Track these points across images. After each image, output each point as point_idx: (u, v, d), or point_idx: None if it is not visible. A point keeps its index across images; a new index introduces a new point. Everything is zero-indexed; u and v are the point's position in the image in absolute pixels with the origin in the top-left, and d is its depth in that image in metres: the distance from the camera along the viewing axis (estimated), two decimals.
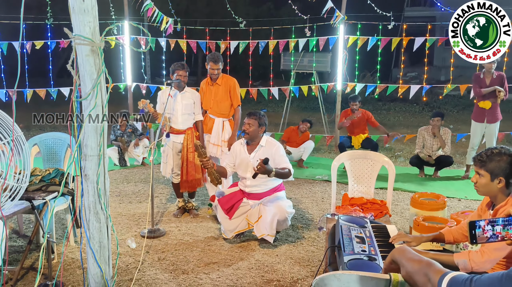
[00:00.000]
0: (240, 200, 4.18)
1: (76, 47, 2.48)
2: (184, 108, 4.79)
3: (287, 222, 4.06)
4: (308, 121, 7.85)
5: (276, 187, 4.19)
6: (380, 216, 3.87)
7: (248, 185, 4.13)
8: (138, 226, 4.70)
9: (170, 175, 4.92)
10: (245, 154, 4.15)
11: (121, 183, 6.45)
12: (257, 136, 4.13)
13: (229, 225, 4.19)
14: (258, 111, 4.17)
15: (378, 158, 4.24)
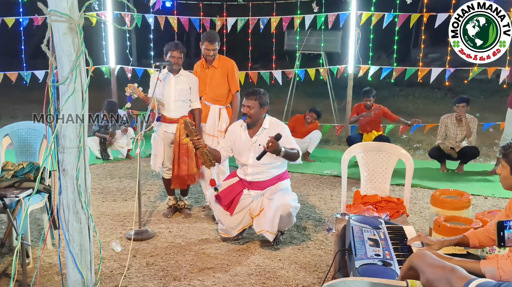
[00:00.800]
0: (240, 192, 4.19)
1: (52, 24, 2.47)
2: (177, 94, 4.78)
3: (291, 218, 4.06)
4: (316, 111, 7.84)
5: (280, 174, 4.21)
6: (396, 216, 3.88)
7: (249, 172, 4.14)
8: (124, 227, 4.72)
9: (161, 169, 4.93)
10: (246, 137, 4.16)
11: (104, 179, 6.46)
12: (259, 118, 4.14)
13: (231, 221, 4.21)
14: (257, 90, 4.16)
15: (394, 150, 4.25)
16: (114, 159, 7.52)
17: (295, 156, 3.97)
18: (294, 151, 3.95)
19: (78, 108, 2.57)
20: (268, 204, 4.08)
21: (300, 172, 6.87)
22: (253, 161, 4.07)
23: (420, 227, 4.77)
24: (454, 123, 6.85)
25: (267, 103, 4.15)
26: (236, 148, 4.22)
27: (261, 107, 4.10)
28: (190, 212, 5.09)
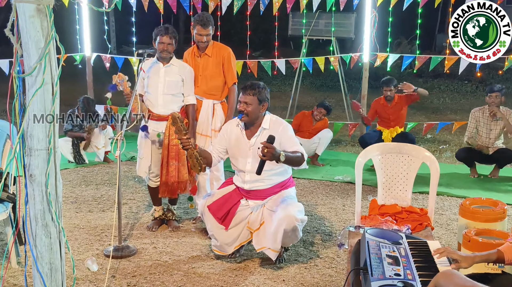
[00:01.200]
0: (237, 203, 4.19)
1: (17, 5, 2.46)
2: (166, 86, 4.78)
3: (297, 233, 4.05)
4: (325, 106, 7.85)
5: (284, 181, 4.20)
6: (420, 229, 3.88)
7: (247, 180, 4.14)
8: (101, 242, 4.72)
9: (147, 174, 4.92)
10: (244, 139, 4.15)
11: (78, 186, 6.47)
12: (258, 116, 4.13)
13: (227, 237, 4.20)
14: (256, 83, 4.14)
15: (417, 152, 4.25)
16: (89, 163, 7.53)
17: (299, 160, 3.95)
18: (297, 154, 3.93)
19: (47, 104, 2.57)
20: (270, 217, 4.07)
21: (307, 178, 6.87)
22: (252, 166, 4.06)
23: (447, 242, 4.77)
24: (487, 118, 6.84)
25: (267, 99, 4.13)
26: (231, 151, 4.22)
27: (260, 103, 4.08)
28: (178, 224, 5.10)
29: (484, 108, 6.88)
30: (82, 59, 8.77)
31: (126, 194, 6.11)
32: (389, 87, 7.24)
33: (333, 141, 8.42)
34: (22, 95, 2.57)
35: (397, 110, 7.28)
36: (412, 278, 2.44)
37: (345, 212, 5.60)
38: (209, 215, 4.21)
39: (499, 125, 6.78)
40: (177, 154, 4.78)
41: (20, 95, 2.56)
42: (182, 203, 5.68)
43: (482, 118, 6.88)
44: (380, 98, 7.42)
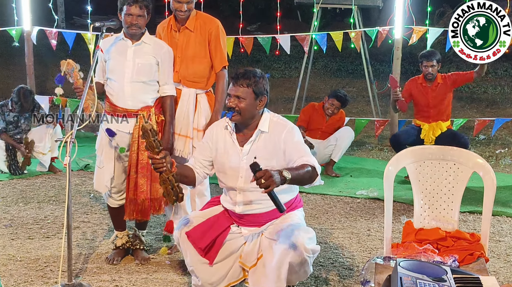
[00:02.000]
0: (226, 230, 4.16)
1: None
2: (136, 71, 4.77)
3: (306, 268, 4.03)
4: (338, 96, 7.83)
5: (289, 202, 4.13)
6: (470, 261, 3.88)
7: (239, 200, 4.07)
8: (45, 279, 4.70)
9: (108, 189, 4.92)
10: (234, 146, 4.10)
11: (14, 204, 6.47)
12: (253, 115, 4.07)
13: (211, 274, 4.16)
14: (251, 71, 4.04)
15: (466, 159, 4.26)
16: (29, 174, 7.52)
17: (310, 176, 3.82)
18: (307, 168, 3.84)
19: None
20: (270, 247, 4.02)
21: (320, 193, 6.89)
22: (245, 183, 4.00)
23: (507, 279, 4.78)
24: None
25: (266, 92, 4.05)
26: (218, 161, 4.14)
27: (256, 98, 4.00)
28: (148, 255, 5.10)
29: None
30: (20, 34, 8.76)
31: (78, 214, 6.11)
32: (431, 61, 7.22)
33: (355, 144, 8.45)
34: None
35: (440, 94, 7.27)
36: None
37: (370, 239, 5.61)
38: (188, 244, 4.15)
39: None
40: (149, 162, 4.75)
41: None
42: (153, 227, 5.69)
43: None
44: (418, 77, 7.39)
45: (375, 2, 9.66)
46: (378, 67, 12.72)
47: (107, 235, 5.56)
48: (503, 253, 5.29)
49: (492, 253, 5.19)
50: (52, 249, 5.27)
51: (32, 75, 8.86)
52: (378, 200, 6.64)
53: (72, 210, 4.84)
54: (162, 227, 5.73)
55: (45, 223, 5.92)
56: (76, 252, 5.13)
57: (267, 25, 16.95)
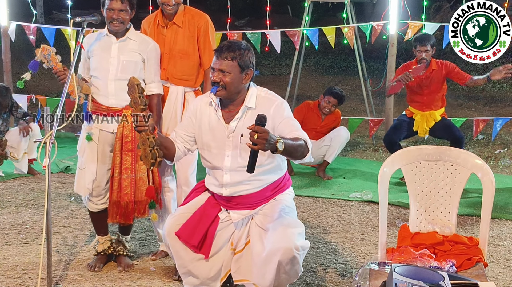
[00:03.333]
0: (215, 219, 4.14)
1: None
2: (121, 69, 4.77)
3: (296, 267, 4.01)
4: (334, 94, 7.86)
5: (277, 181, 4.15)
6: (468, 266, 3.90)
7: (226, 182, 4.05)
8: (22, 286, 4.70)
9: (88, 193, 4.90)
10: (220, 123, 4.06)
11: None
12: (239, 90, 4.03)
13: (209, 269, 4.15)
14: (236, 42, 4.04)
15: (464, 160, 4.27)
16: (6, 176, 7.50)
17: (302, 150, 3.84)
18: (299, 141, 3.81)
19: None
20: (259, 238, 4.01)
21: (312, 196, 6.91)
22: (232, 162, 4.00)
23: (507, 284, 4.80)
24: None
25: (252, 65, 4.02)
26: (202, 140, 4.11)
27: (242, 71, 3.97)
28: (132, 262, 5.09)
29: None
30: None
31: (58, 219, 6.09)
32: (425, 46, 7.20)
33: (348, 144, 8.46)
34: None
35: (434, 82, 7.27)
36: None
37: (364, 243, 5.62)
38: (180, 244, 4.13)
39: None
40: (133, 163, 4.76)
41: None
42: (137, 231, 5.69)
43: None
44: (411, 63, 7.37)
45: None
46: (372, 64, 12.76)
47: (88, 240, 5.55)
48: (502, 258, 5.31)
49: (491, 258, 5.21)
50: (31, 256, 5.25)
51: (9, 72, 8.84)
52: (372, 203, 6.66)
53: (52, 214, 4.83)
54: (147, 231, 5.75)
55: (23, 228, 5.90)
56: (56, 258, 5.11)
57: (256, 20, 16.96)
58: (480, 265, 3.93)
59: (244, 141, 3.78)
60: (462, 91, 12.53)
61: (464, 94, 12.29)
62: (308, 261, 5.16)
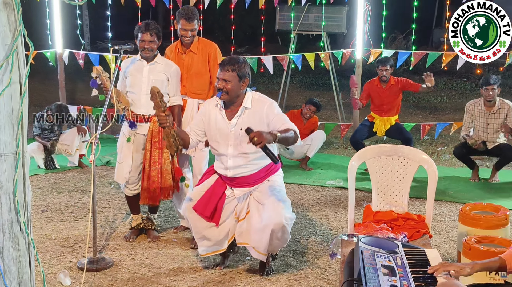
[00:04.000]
0: (222, 195, 4.16)
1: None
2: (150, 86, 4.76)
3: (285, 235, 4.05)
4: (314, 103, 7.88)
5: (269, 165, 4.15)
6: (417, 237, 3.90)
7: (230, 165, 4.09)
8: (74, 253, 4.69)
9: (125, 181, 4.89)
10: (224, 120, 4.10)
11: (49, 193, 6.43)
12: (238, 94, 4.07)
13: (218, 233, 4.20)
14: (235, 58, 4.09)
15: (413, 155, 4.27)
16: (61, 168, 7.48)
17: (294, 138, 3.93)
18: (290, 132, 3.90)
19: (15, 105, 2.55)
20: (257, 210, 4.07)
21: (296, 183, 6.89)
22: (234, 150, 4.04)
23: (447, 251, 4.80)
24: (483, 111, 6.80)
25: (248, 75, 4.07)
26: (210, 133, 4.16)
27: (240, 80, 4.02)
28: (158, 234, 5.08)
29: (479, 101, 6.89)
30: (54, 56, 8.71)
31: (101, 201, 6.07)
32: (385, 66, 7.18)
33: (325, 143, 8.44)
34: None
35: (392, 94, 7.25)
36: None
37: (337, 220, 5.61)
38: (196, 216, 4.16)
39: (497, 119, 6.77)
40: (160, 158, 4.78)
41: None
42: (162, 211, 5.67)
43: (477, 112, 6.87)
44: (374, 80, 7.39)
45: (340, 29, 9.68)
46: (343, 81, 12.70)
47: (124, 218, 5.53)
48: (443, 231, 5.31)
49: (434, 231, 5.21)
50: (80, 230, 5.25)
51: (63, 88, 8.82)
52: (343, 188, 6.64)
53: (96, 198, 4.82)
54: (170, 211, 5.72)
55: (74, 209, 5.89)
56: (100, 231, 5.10)
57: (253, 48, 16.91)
58: (426, 236, 3.94)
59: (243, 134, 3.82)
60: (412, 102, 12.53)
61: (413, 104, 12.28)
62: (293, 233, 5.15)
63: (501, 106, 6.75)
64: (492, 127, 6.82)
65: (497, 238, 4.04)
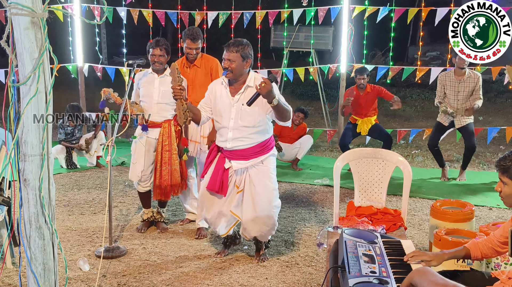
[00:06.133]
0: (226, 170, 4.14)
1: (12, 18, 2.44)
2: (161, 96, 4.78)
3: (271, 221, 4.11)
4: (302, 110, 7.88)
5: (264, 142, 4.11)
6: (394, 229, 3.90)
7: (229, 137, 4.04)
8: (92, 243, 4.68)
9: (139, 178, 4.88)
10: (227, 96, 4.07)
11: (70, 190, 6.41)
12: (242, 73, 4.04)
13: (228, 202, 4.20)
14: (239, 40, 4.06)
15: (391, 157, 4.28)
16: (81, 168, 7.46)
17: (289, 113, 3.92)
18: (286, 107, 3.90)
19: (41, 111, 2.54)
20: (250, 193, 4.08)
21: (288, 181, 6.88)
22: (234, 123, 4.01)
23: (420, 241, 4.80)
24: (454, 80, 6.61)
25: (250, 56, 4.05)
26: (216, 108, 4.12)
27: (243, 60, 4.00)
28: (166, 226, 5.07)
29: (450, 72, 6.69)
30: (75, 69, 8.70)
31: (116, 197, 6.06)
32: (362, 75, 7.12)
33: (313, 147, 8.44)
34: (16, 104, 2.54)
35: (369, 100, 7.18)
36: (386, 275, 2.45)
37: (324, 214, 5.61)
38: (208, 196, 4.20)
39: (466, 87, 6.57)
40: (169, 159, 4.79)
41: (15, 103, 2.53)
42: (170, 205, 5.65)
43: (449, 82, 6.67)
44: (353, 87, 7.32)
45: (327, 46, 9.69)
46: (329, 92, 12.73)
47: (137, 212, 5.52)
48: (416, 224, 5.31)
49: (409, 224, 5.21)
50: (98, 222, 5.23)
51: (83, 98, 8.80)
52: (329, 186, 6.64)
53: (112, 194, 4.81)
54: (177, 205, 5.71)
55: (93, 203, 5.87)
56: (115, 223, 5.09)
57: None
58: (402, 229, 3.95)
59: (244, 108, 3.90)
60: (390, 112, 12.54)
61: (390, 113, 12.27)
62: (285, 225, 5.15)
63: (470, 75, 6.56)
64: (462, 94, 6.62)
65: (464, 230, 4.06)
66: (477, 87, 6.60)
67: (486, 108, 13.07)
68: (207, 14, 8.25)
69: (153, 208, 5.12)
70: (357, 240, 2.86)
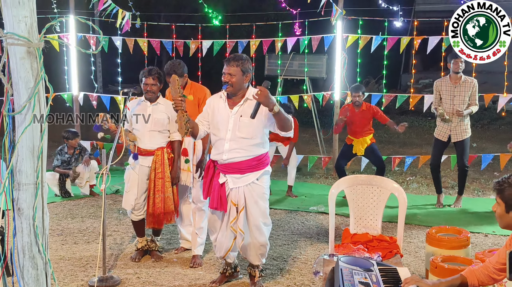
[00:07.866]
0: (222, 185, 4.12)
1: (9, 48, 2.47)
2: (153, 124, 4.78)
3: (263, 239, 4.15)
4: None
5: (260, 156, 4.09)
6: (390, 257, 3.89)
7: (226, 149, 4.02)
8: (86, 273, 4.63)
9: (131, 208, 4.86)
10: (225, 109, 4.07)
11: (64, 219, 6.36)
12: (241, 87, 4.05)
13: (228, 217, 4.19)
14: (239, 55, 4.09)
15: (385, 184, 4.29)
16: (75, 196, 7.42)
17: (290, 123, 3.91)
18: (288, 116, 3.90)
19: (36, 140, 2.55)
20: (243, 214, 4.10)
21: (283, 209, 6.86)
22: (232, 134, 4.00)
23: (416, 269, 4.77)
24: (450, 85, 6.57)
25: (250, 71, 4.07)
26: (214, 121, 4.12)
27: (243, 74, 4.01)
28: (161, 255, 5.03)
29: (445, 78, 6.65)
30: (70, 98, 8.74)
31: (110, 226, 6.02)
32: (358, 93, 7.03)
33: (308, 174, 8.46)
34: (11, 133, 2.54)
35: (364, 117, 7.09)
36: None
37: (319, 241, 5.58)
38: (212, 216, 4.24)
39: (462, 91, 6.52)
40: (162, 186, 4.77)
41: (10, 132, 2.54)
42: (164, 234, 5.62)
43: (444, 87, 6.63)
44: (348, 105, 7.28)
45: (321, 74, 9.77)
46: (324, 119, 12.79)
47: (131, 240, 5.48)
48: (412, 251, 5.29)
49: (405, 251, 5.19)
50: (92, 251, 5.19)
51: (79, 126, 8.81)
52: (324, 213, 6.62)
53: (106, 223, 4.78)
54: (171, 234, 5.68)
55: (86, 232, 5.83)
56: (109, 253, 5.04)
57: None
58: (397, 256, 3.93)
59: (242, 120, 3.94)
60: (384, 138, 12.61)
61: (385, 140, 12.35)
62: (281, 253, 5.12)
63: (466, 80, 6.52)
64: (458, 99, 6.56)
65: (460, 257, 4.04)
66: (473, 92, 6.57)
67: (480, 135, 13.18)
68: (201, 43, 8.34)
69: (148, 236, 5.09)
70: (353, 267, 2.85)
